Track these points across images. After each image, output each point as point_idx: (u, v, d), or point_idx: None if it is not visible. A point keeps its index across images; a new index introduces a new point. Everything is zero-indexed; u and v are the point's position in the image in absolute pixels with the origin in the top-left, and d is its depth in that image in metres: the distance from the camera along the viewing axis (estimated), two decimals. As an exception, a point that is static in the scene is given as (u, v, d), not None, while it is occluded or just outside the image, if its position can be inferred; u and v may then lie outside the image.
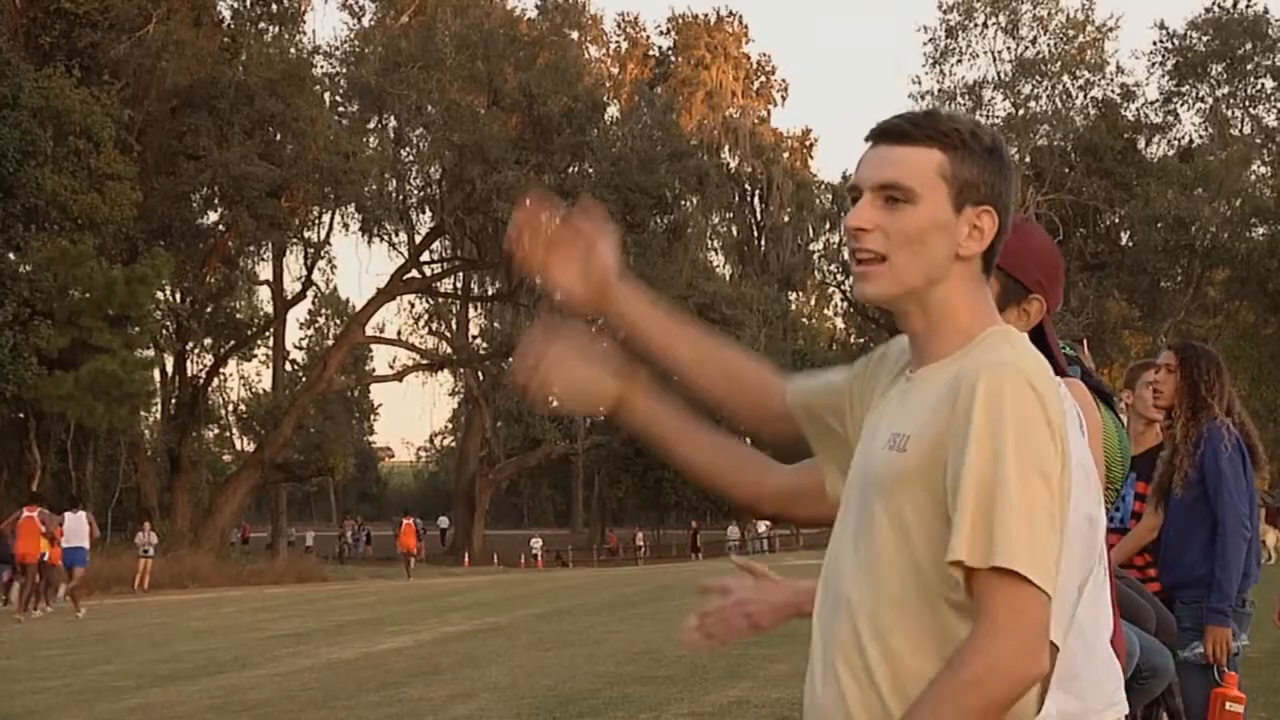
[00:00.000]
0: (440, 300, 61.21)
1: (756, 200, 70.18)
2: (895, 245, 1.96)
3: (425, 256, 54.08)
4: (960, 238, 1.96)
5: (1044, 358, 1.95)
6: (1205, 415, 5.30)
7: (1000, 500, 1.79)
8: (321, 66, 49.81)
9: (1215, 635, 5.06)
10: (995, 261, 2.00)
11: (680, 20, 75.36)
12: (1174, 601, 5.26)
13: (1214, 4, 54.79)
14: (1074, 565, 2.18)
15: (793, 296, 72.56)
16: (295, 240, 50.88)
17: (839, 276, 67.21)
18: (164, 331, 43.88)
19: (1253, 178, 54.39)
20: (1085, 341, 5.02)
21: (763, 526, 54.40)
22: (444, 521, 70.64)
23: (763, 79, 77.44)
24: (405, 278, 52.40)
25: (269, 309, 55.24)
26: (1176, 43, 55.50)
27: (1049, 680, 2.11)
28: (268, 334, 55.76)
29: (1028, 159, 56.77)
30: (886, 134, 2.00)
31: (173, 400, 49.36)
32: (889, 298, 1.99)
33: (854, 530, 1.98)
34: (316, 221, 51.71)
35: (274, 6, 47.51)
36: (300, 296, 54.94)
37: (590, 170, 49.13)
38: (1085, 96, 57.11)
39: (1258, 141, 56.16)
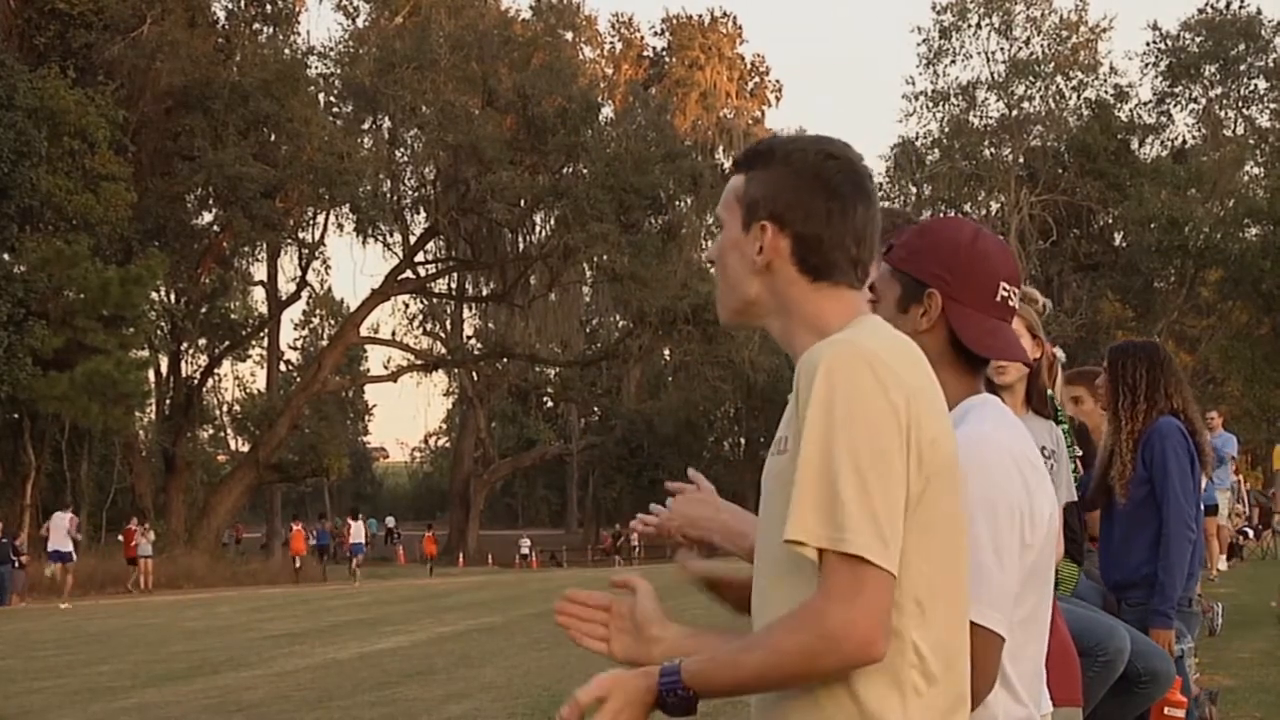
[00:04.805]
0: (435, 301, 61.18)
1: (750, 201, 70.11)
2: (716, 272, 2.13)
3: (420, 257, 54.06)
4: (752, 253, 2.06)
5: (901, 340, 1.99)
6: (1150, 412, 5.29)
7: (834, 479, 1.82)
8: (316, 67, 49.80)
9: (1158, 638, 4.98)
10: (823, 265, 2.05)
11: (674, 21, 75.31)
12: (1119, 602, 5.24)
13: (1207, 5, 54.84)
14: (1012, 557, 2.20)
15: (787, 296, 72.50)
16: (290, 241, 50.85)
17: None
18: (159, 332, 43.88)
19: (1246, 178, 54.39)
20: (1061, 351, 4.99)
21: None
22: (390, 521, 72.51)
23: (756, 80, 77.43)
24: (400, 278, 52.38)
25: (264, 309, 55.21)
26: (1170, 44, 55.51)
27: (997, 669, 2.15)
28: (262, 334, 55.75)
29: (1021, 159, 56.79)
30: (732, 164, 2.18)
31: (167, 401, 49.34)
32: (726, 324, 2.18)
33: (761, 542, 2.02)
34: (311, 222, 51.70)
35: (268, 7, 47.49)
36: (295, 297, 54.88)
37: (585, 171, 49.13)
38: (1079, 97, 57.11)
39: (1251, 142, 56.19)
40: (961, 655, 1.97)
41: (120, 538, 35.38)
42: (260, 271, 53.70)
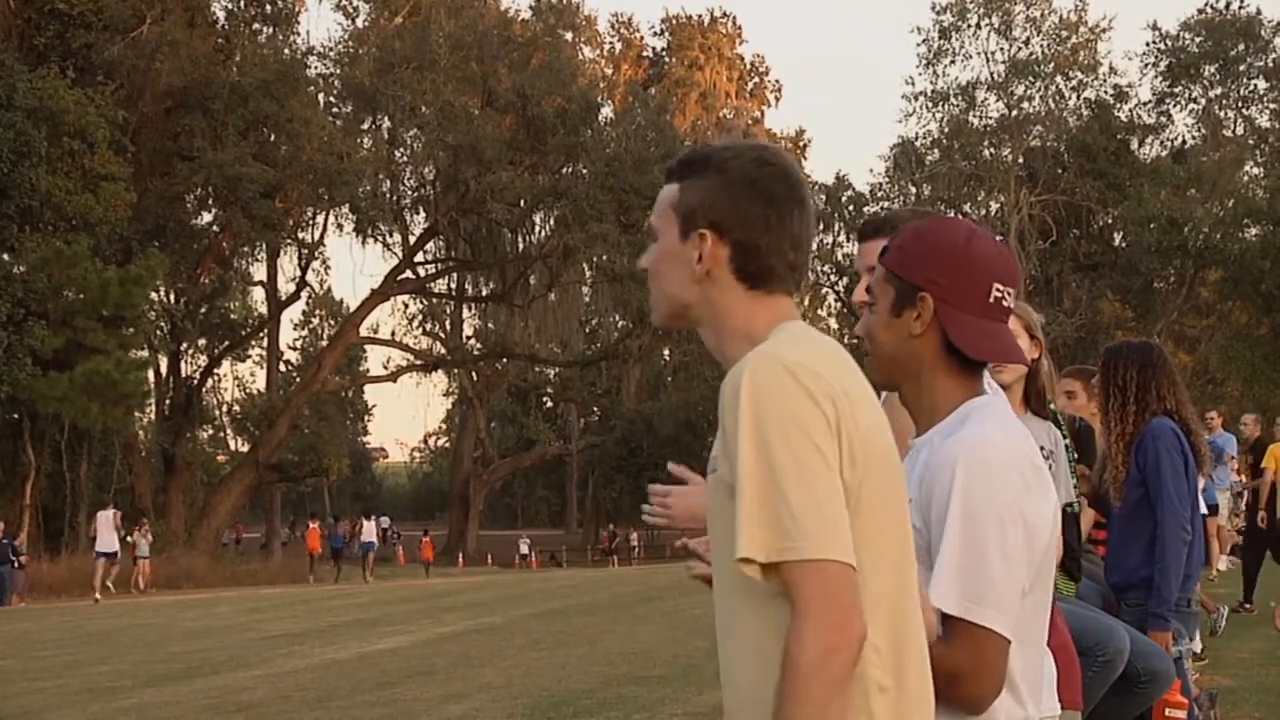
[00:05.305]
0: (434, 301, 61.20)
1: (750, 201, 70.11)
2: (650, 279, 2.15)
3: (419, 257, 54.07)
4: (692, 262, 2.07)
5: (824, 343, 2.00)
6: (1141, 414, 5.29)
7: (779, 488, 1.83)
8: (315, 67, 49.81)
9: (1155, 640, 4.96)
10: (761, 272, 2.07)
11: (674, 21, 75.38)
12: (1119, 603, 5.25)
13: (1206, 5, 54.87)
14: (1016, 559, 2.20)
15: (787, 297, 72.55)
16: (289, 241, 50.86)
17: (832, 277, 67.22)
18: (158, 332, 43.86)
19: (1245, 178, 54.38)
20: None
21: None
22: (385, 521, 72.01)
23: (756, 80, 77.50)
24: (399, 278, 52.39)
25: (263, 310, 55.24)
26: (1169, 44, 55.53)
27: (1004, 673, 2.15)
28: (262, 335, 55.79)
29: (1021, 159, 56.81)
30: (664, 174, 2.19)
31: (167, 401, 49.34)
32: (660, 323, 2.18)
33: (714, 564, 2.05)
34: (311, 222, 51.71)
35: (268, 7, 47.49)
36: (294, 297, 54.90)
37: (584, 171, 49.13)
38: (1078, 97, 57.14)
39: (1250, 142, 56.20)
40: (918, 648, 1.97)
41: (129, 539, 35.68)
42: (260, 271, 53.79)
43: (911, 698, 1.93)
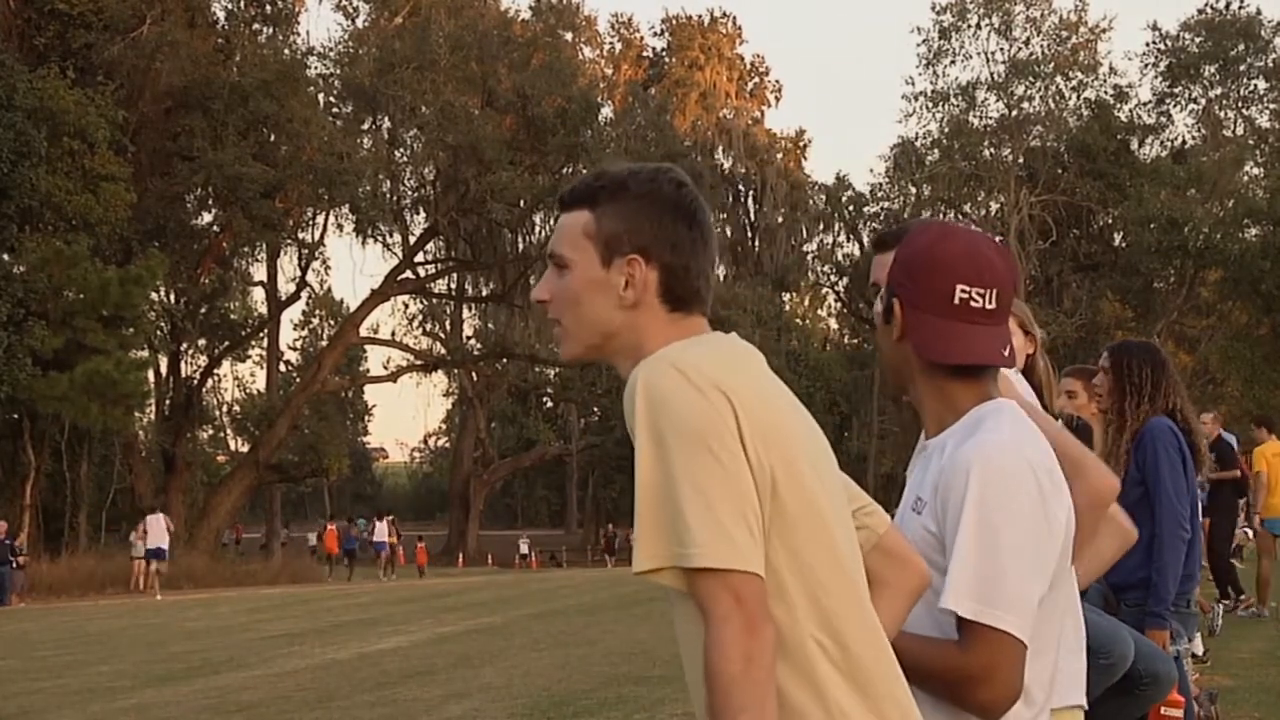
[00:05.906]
0: (434, 301, 61.20)
1: (750, 201, 70.22)
2: (562, 310, 2.06)
3: (419, 257, 54.06)
4: (618, 289, 2.01)
5: (725, 343, 1.97)
6: (1143, 412, 5.29)
7: (671, 494, 1.80)
8: (315, 67, 49.76)
9: (1153, 639, 4.95)
10: (687, 295, 2.03)
11: (674, 21, 75.36)
12: (1119, 603, 5.24)
13: (1206, 5, 54.83)
14: (1031, 563, 2.19)
15: (787, 297, 72.58)
16: (289, 241, 50.84)
17: (833, 278, 67.24)
18: (158, 332, 43.84)
19: (1245, 179, 54.31)
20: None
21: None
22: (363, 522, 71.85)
23: (756, 80, 77.46)
24: (399, 279, 52.38)
25: (263, 310, 55.23)
26: (1169, 44, 55.50)
27: (1020, 678, 2.14)
28: (262, 335, 55.78)
29: (1021, 160, 56.78)
30: (558, 202, 2.11)
31: (167, 401, 49.33)
32: (576, 358, 2.09)
33: None
34: (311, 222, 51.70)
35: (268, 8, 47.47)
36: (294, 297, 54.90)
37: (585, 171, 49.02)
38: (1078, 97, 57.12)
39: (1250, 142, 56.14)
40: (872, 636, 1.94)
41: (132, 539, 35.82)
42: (260, 272, 53.80)
43: (880, 685, 1.90)
